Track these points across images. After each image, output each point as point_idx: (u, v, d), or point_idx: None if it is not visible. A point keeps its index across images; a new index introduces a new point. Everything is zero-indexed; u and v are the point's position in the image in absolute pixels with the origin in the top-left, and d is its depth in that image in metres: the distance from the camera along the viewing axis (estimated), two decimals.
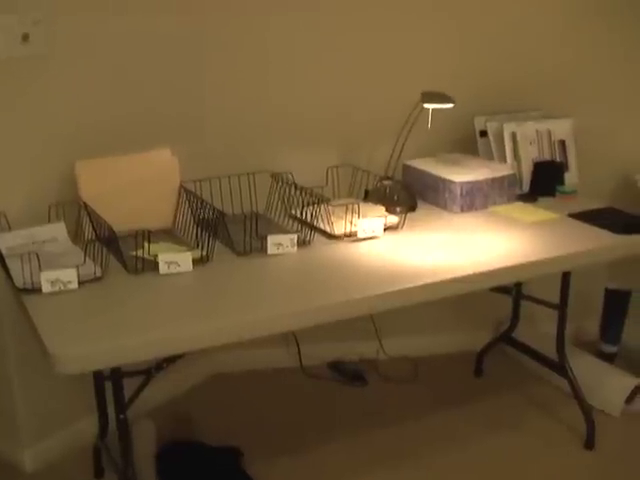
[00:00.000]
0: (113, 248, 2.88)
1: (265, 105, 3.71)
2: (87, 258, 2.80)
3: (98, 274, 2.77)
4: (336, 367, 4.17)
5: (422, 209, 3.51)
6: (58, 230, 3.03)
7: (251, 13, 3.58)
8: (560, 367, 3.62)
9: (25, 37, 2.98)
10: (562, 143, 3.81)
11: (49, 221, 3.08)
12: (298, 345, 4.12)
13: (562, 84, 3.94)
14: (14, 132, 3.07)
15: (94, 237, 3.00)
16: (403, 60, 3.77)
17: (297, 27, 3.66)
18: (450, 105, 3.41)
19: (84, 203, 3.05)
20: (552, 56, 3.92)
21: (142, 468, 3.17)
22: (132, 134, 3.33)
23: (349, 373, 4.11)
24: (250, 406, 3.87)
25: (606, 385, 3.77)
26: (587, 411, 3.55)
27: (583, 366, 3.78)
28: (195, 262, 2.87)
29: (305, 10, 3.64)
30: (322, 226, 3.20)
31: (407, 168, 3.68)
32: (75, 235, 3.09)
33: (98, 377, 3.08)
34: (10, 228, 3.00)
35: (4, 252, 2.79)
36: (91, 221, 3.01)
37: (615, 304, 4.17)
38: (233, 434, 3.58)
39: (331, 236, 3.17)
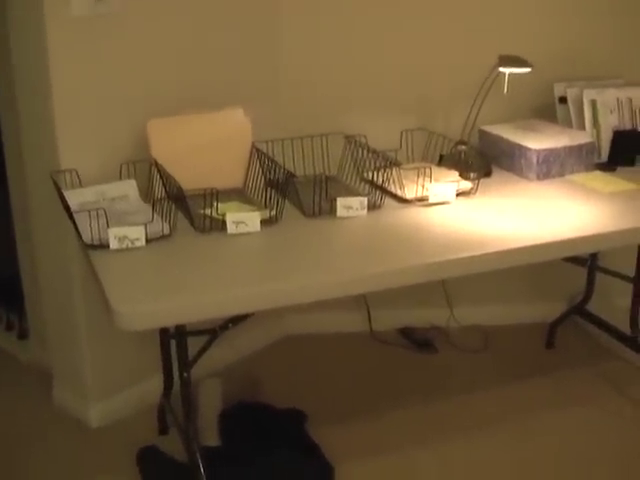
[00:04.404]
0: (182, 207, 2.88)
1: (340, 67, 3.67)
2: (156, 216, 2.80)
3: (166, 232, 2.77)
4: (406, 333, 4.14)
5: (497, 175, 3.45)
6: (129, 187, 3.04)
7: None
8: (633, 342, 3.55)
9: None
10: None
11: (121, 179, 3.08)
12: (369, 310, 4.10)
13: None
14: (87, 90, 3.07)
15: (164, 195, 3.00)
16: (482, 23, 3.70)
17: None
18: (528, 69, 3.33)
19: (155, 161, 3.05)
20: (635, 22, 3.81)
21: (206, 427, 3.20)
22: (205, 94, 3.31)
23: (419, 340, 4.08)
24: (318, 369, 3.87)
25: None
26: None
27: None
28: (263, 222, 2.86)
29: None
30: (393, 190, 3.16)
31: (483, 133, 3.62)
32: (146, 194, 3.09)
33: (164, 335, 3.10)
34: (82, 185, 3.01)
35: (75, 208, 2.81)
36: (161, 179, 3.02)
37: None
38: (299, 397, 3.58)
39: (402, 200, 3.13)
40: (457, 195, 3.15)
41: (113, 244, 2.65)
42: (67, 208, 2.80)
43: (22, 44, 3.07)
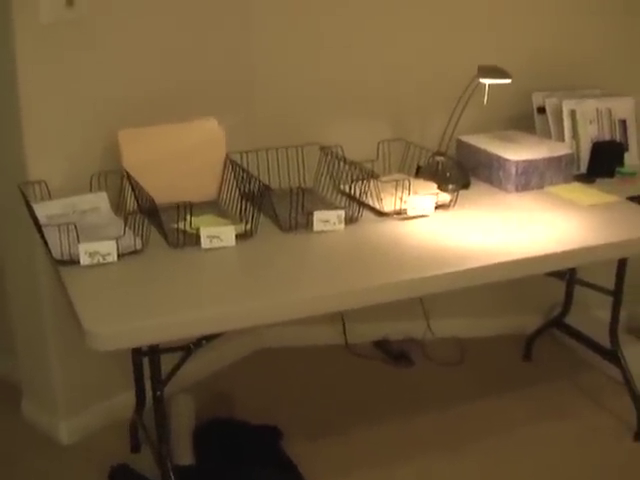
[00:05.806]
0: (154, 220, 2.81)
1: (316, 76, 3.63)
2: (127, 230, 2.73)
3: (138, 247, 2.71)
4: (382, 346, 4.10)
5: (475, 187, 3.41)
6: (100, 200, 2.97)
7: None
8: (613, 355, 3.52)
9: (69, 1, 2.91)
10: (623, 122, 3.68)
11: (91, 191, 3.01)
12: (344, 322, 4.06)
13: (624, 62, 3.82)
14: (56, 100, 3.01)
15: (136, 208, 2.93)
16: (460, 32, 3.67)
17: None
18: (507, 80, 3.29)
19: (126, 173, 2.98)
20: (615, 32, 3.79)
21: (179, 444, 3.14)
22: (178, 103, 3.26)
23: (395, 353, 4.04)
24: (293, 384, 3.82)
25: None
26: (638, 401, 3.44)
27: (636, 355, 3.66)
28: (238, 237, 2.80)
29: None
30: (371, 202, 3.11)
31: (461, 144, 3.58)
32: (117, 206, 3.02)
33: (136, 353, 3.03)
34: (51, 197, 2.94)
35: (44, 221, 2.74)
36: (133, 191, 2.95)
37: None
38: (274, 412, 3.53)
39: (380, 213, 3.08)
40: (436, 208, 3.10)
41: (84, 260, 2.58)
42: (36, 221, 2.73)
43: None
